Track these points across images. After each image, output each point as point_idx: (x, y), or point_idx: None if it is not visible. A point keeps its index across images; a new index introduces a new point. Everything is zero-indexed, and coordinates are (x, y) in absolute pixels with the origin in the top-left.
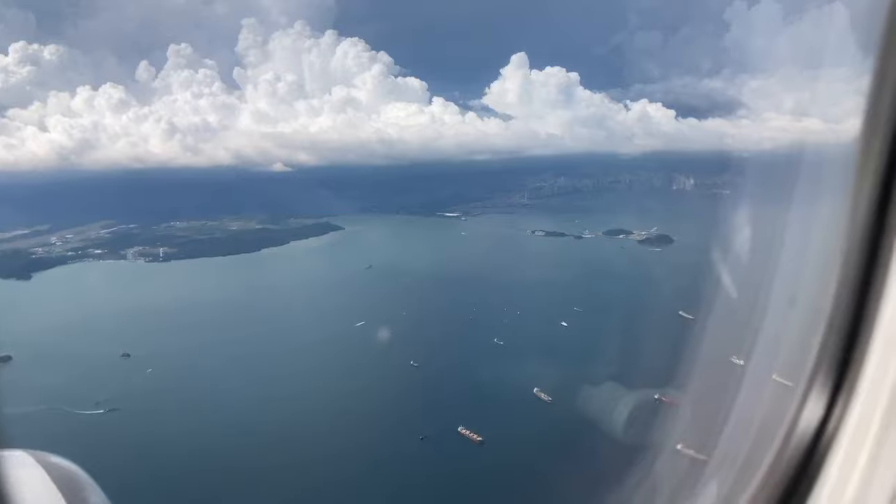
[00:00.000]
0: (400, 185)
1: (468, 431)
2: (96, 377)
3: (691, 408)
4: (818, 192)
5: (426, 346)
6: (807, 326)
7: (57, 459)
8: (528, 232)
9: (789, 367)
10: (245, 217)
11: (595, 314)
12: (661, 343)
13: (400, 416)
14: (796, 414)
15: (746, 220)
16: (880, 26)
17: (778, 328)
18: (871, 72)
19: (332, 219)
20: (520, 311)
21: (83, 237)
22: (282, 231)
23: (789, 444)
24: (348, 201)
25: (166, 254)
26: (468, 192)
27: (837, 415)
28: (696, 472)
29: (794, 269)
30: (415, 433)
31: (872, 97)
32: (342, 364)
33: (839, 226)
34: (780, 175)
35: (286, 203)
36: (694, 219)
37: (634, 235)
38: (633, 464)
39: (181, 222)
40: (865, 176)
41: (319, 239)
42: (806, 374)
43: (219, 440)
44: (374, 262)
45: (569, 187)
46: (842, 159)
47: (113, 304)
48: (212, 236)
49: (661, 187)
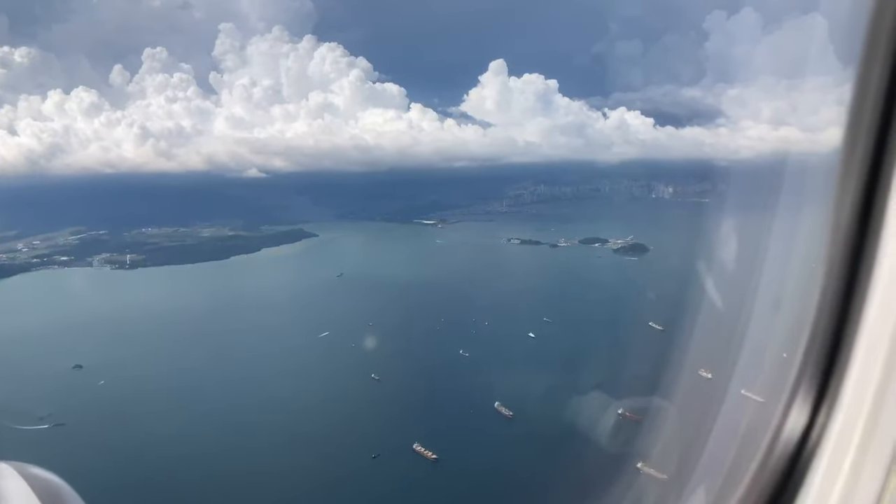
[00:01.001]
0: (378, 192)
1: (423, 449)
2: (45, 390)
3: (656, 422)
4: (797, 201)
5: (390, 358)
6: (788, 335)
7: (39, 471)
8: (503, 240)
9: (770, 377)
10: (218, 224)
11: (564, 325)
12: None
13: (354, 433)
14: (780, 423)
15: (724, 229)
16: (862, 36)
17: (758, 337)
18: (853, 80)
19: (307, 226)
20: (488, 322)
21: (51, 244)
22: (254, 238)
23: (773, 453)
24: (325, 208)
25: (133, 261)
26: (447, 200)
27: (821, 423)
28: (662, 490)
29: (774, 278)
30: (368, 451)
31: (854, 106)
32: (301, 377)
33: (820, 234)
34: (759, 183)
35: (261, 210)
36: (671, 227)
37: (610, 244)
38: (593, 483)
39: (153, 229)
40: (848, 184)
41: (292, 246)
42: (789, 384)
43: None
44: (345, 271)
45: (548, 195)
46: (820, 168)
47: (71, 313)
48: (182, 243)
49: (640, 195)
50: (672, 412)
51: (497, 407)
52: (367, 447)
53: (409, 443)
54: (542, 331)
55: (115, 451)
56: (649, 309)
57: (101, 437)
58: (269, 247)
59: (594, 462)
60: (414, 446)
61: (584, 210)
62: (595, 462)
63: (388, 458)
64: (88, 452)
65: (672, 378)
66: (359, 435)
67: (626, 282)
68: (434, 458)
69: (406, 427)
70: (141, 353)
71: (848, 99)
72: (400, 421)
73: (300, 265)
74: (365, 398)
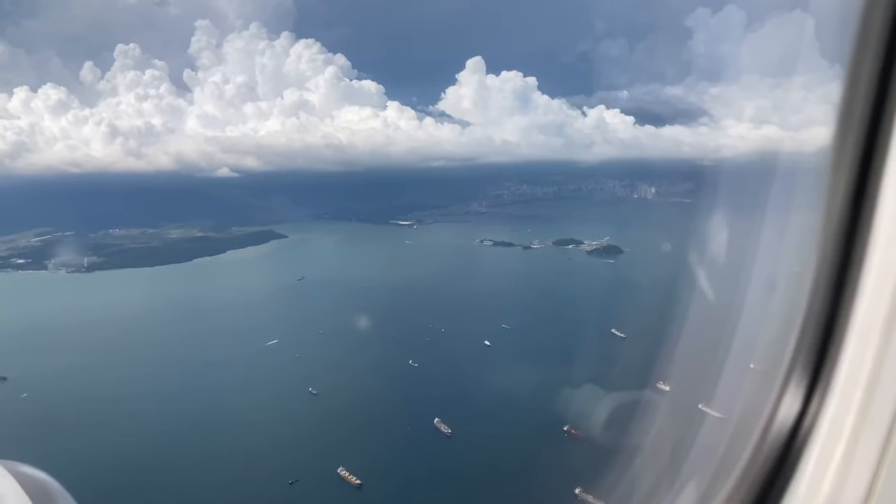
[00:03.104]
0: (355, 192)
1: (348, 473)
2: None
3: (602, 441)
4: (780, 201)
5: (334, 369)
6: (776, 330)
7: (29, 469)
8: (476, 242)
9: (757, 368)
10: (188, 225)
11: (522, 332)
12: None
13: (277, 454)
14: (773, 410)
15: (704, 230)
16: (850, 33)
17: (737, 337)
18: (843, 77)
19: (280, 227)
20: (445, 329)
21: (11, 246)
22: (221, 240)
23: (766, 440)
24: (301, 208)
25: (91, 264)
26: (425, 200)
27: (813, 411)
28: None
29: (754, 278)
30: (286, 475)
31: (845, 102)
32: (236, 390)
33: (804, 233)
34: (742, 183)
35: (234, 210)
36: (650, 229)
37: (584, 246)
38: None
39: (121, 230)
40: (839, 178)
41: (259, 248)
42: (782, 372)
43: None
44: (309, 274)
45: (529, 195)
46: (804, 167)
47: (8, 320)
48: (147, 245)
49: (623, 195)
50: (622, 428)
51: (436, 423)
52: (286, 471)
53: (334, 466)
54: (499, 338)
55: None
56: (614, 315)
57: (13, 454)
58: (235, 249)
59: (535, 484)
60: (338, 470)
61: (564, 210)
62: (532, 487)
63: (307, 485)
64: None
65: (628, 391)
66: (281, 456)
67: (595, 286)
68: (358, 483)
69: (334, 448)
70: (72, 364)
71: (834, 96)
72: (329, 441)
73: (263, 268)
74: (297, 414)
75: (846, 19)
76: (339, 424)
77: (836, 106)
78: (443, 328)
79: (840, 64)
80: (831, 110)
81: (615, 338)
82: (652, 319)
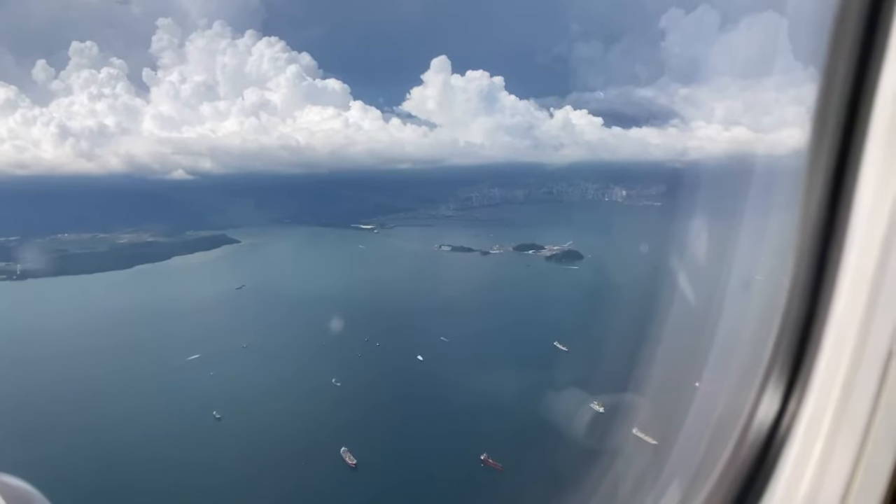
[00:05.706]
0: (317, 195)
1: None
2: None
3: (522, 475)
4: (754, 202)
5: (249, 389)
6: (751, 330)
7: (9, 478)
8: (434, 247)
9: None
10: (140, 229)
11: (459, 345)
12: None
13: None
14: (751, 411)
15: (676, 233)
16: (825, 35)
17: (699, 343)
18: (818, 79)
19: (235, 231)
20: (380, 343)
21: None
22: (168, 245)
23: (745, 441)
24: (261, 212)
25: (24, 271)
26: (391, 203)
27: (791, 411)
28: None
29: (727, 280)
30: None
31: (820, 104)
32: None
33: (781, 232)
34: (713, 185)
35: (190, 214)
36: (616, 233)
37: (545, 251)
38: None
39: (69, 234)
40: (815, 179)
41: (207, 254)
42: (759, 373)
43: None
44: (251, 281)
45: (498, 198)
46: (775, 168)
47: None
48: (92, 251)
49: (593, 199)
50: (543, 464)
51: (343, 453)
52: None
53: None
54: (435, 352)
55: None
56: (561, 327)
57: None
58: (182, 254)
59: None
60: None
61: (532, 214)
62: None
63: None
64: None
65: (560, 415)
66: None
67: (547, 294)
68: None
69: (230, 480)
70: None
71: (807, 98)
72: (224, 472)
73: (206, 275)
74: (196, 441)
75: (820, 21)
76: (241, 454)
77: (811, 107)
78: (377, 342)
79: (814, 65)
80: (804, 111)
81: (557, 351)
82: (601, 330)
